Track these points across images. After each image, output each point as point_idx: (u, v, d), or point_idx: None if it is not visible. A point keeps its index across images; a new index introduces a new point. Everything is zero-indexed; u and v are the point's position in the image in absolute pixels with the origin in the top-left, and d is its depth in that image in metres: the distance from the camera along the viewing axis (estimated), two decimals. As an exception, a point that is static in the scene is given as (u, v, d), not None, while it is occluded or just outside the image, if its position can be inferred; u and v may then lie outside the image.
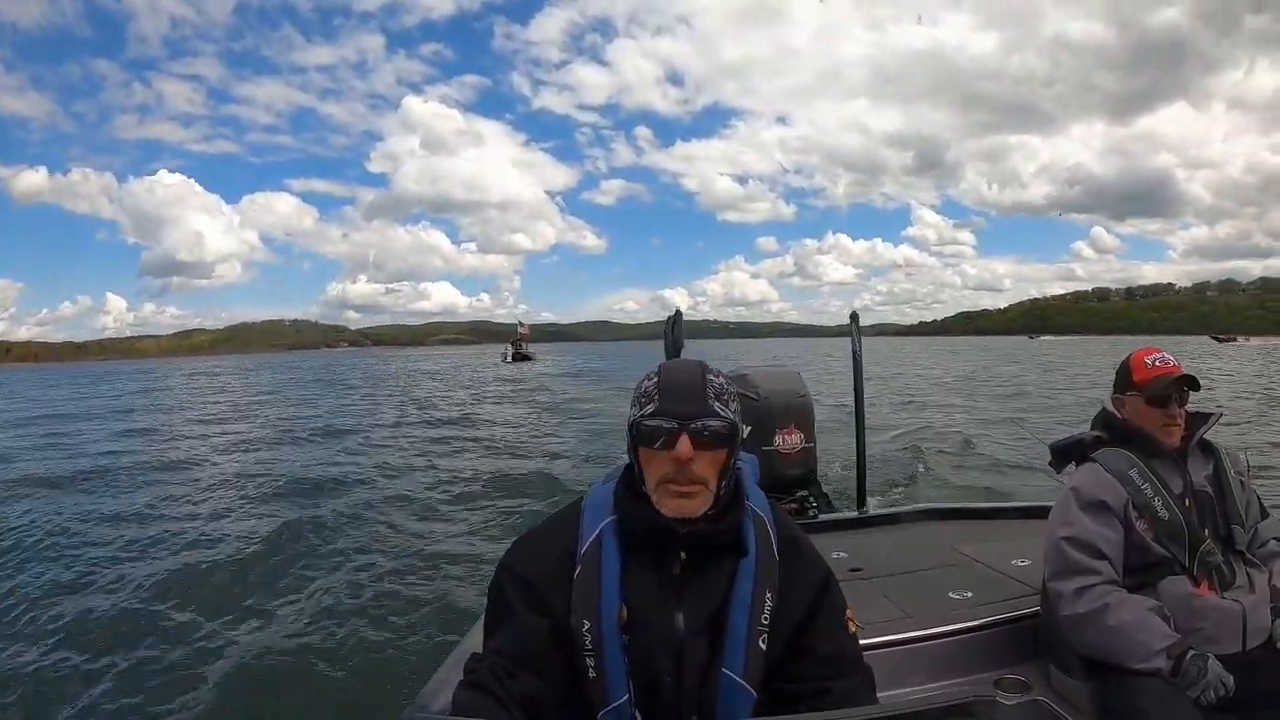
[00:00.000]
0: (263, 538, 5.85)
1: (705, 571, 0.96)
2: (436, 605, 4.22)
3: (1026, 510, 2.78)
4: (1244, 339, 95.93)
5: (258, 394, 27.06)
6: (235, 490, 8.19)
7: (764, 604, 0.95)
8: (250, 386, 31.20)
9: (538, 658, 0.93)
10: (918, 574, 2.28)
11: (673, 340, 3.36)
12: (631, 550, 0.97)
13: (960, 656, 1.78)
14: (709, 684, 0.93)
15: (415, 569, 4.97)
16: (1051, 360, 37.99)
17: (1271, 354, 45.17)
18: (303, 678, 3.43)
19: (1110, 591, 1.50)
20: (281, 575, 4.92)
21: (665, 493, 0.94)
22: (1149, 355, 1.66)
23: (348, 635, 3.84)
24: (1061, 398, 16.69)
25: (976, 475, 7.62)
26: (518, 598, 0.97)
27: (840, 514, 3.57)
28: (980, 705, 0.73)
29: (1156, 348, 1.69)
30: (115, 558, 5.49)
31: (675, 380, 0.97)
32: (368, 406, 20.02)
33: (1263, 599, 1.51)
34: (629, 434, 0.98)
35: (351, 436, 12.91)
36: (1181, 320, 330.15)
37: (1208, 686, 1.34)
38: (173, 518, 6.89)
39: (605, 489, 1.03)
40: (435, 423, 14.94)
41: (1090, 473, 1.62)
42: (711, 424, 0.94)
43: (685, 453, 0.92)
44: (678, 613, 0.94)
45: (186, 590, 4.62)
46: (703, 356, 1.10)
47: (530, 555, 1.01)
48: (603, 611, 0.93)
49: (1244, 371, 26.41)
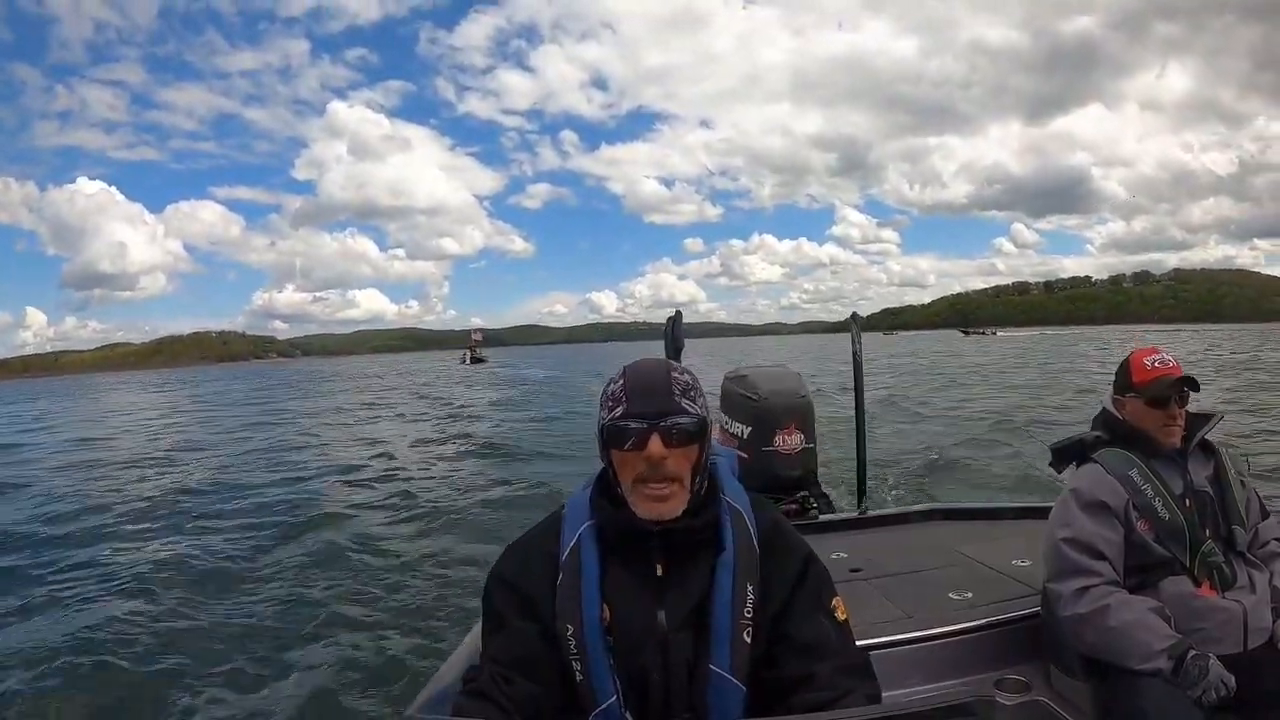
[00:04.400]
0: (255, 541, 5.86)
1: (685, 568, 0.97)
2: (431, 611, 4.21)
3: (1026, 510, 2.78)
4: (991, 331, 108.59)
5: (220, 406, 26.84)
6: (237, 494, 8.19)
7: (745, 597, 0.95)
8: (207, 400, 31.31)
9: (532, 664, 0.94)
10: (918, 574, 2.27)
11: (672, 340, 3.35)
12: (611, 552, 0.98)
13: (960, 656, 1.78)
14: (697, 680, 0.94)
15: (411, 574, 4.95)
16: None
17: (1020, 342, 56.30)
18: (299, 683, 3.42)
19: (1111, 592, 1.50)
20: (275, 580, 4.91)
21: (640, 495, 0.95)
22: (1148, 356, 1.65)
23: (342, 641, 3.83)
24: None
25: (977, 475, 7.61)
26: (508, 606, 0.99)
27: (840, 514, 3.57)
28: (980, 705, 0.73)
29: (1156, 348, 1.69)
30: (113, 558, 5.50)
31: (641, 380, 0.98)
32: (343, 412, 20.25)
33: (1264, 599, 1.51)
34: (599, 437, 0.99)
35: (325, 444, 12.92)
36: (1097, 311, 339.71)
37: (1209, 687, 1.33)
38: (165, 521, 6.90)
39: (582, 495, 1.04)
40: (417, 418, 15.02)
41: (1090, 473, 1.62)
42: (680, 421, 0.95)
43: (657, 451, 0.93)
44: (659, 611, 0.95)
45: (178, 595, 4.61)
46: (624, 359, 1.12)
47: (517, 564, 1.03)
48: (584, 614, 0.94)
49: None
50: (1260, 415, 9.98)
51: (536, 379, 33.97)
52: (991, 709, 1.05)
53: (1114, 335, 64.38)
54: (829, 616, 0.98)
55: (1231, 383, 14.81)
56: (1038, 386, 16.79)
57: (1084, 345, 41.91)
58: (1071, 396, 13.33)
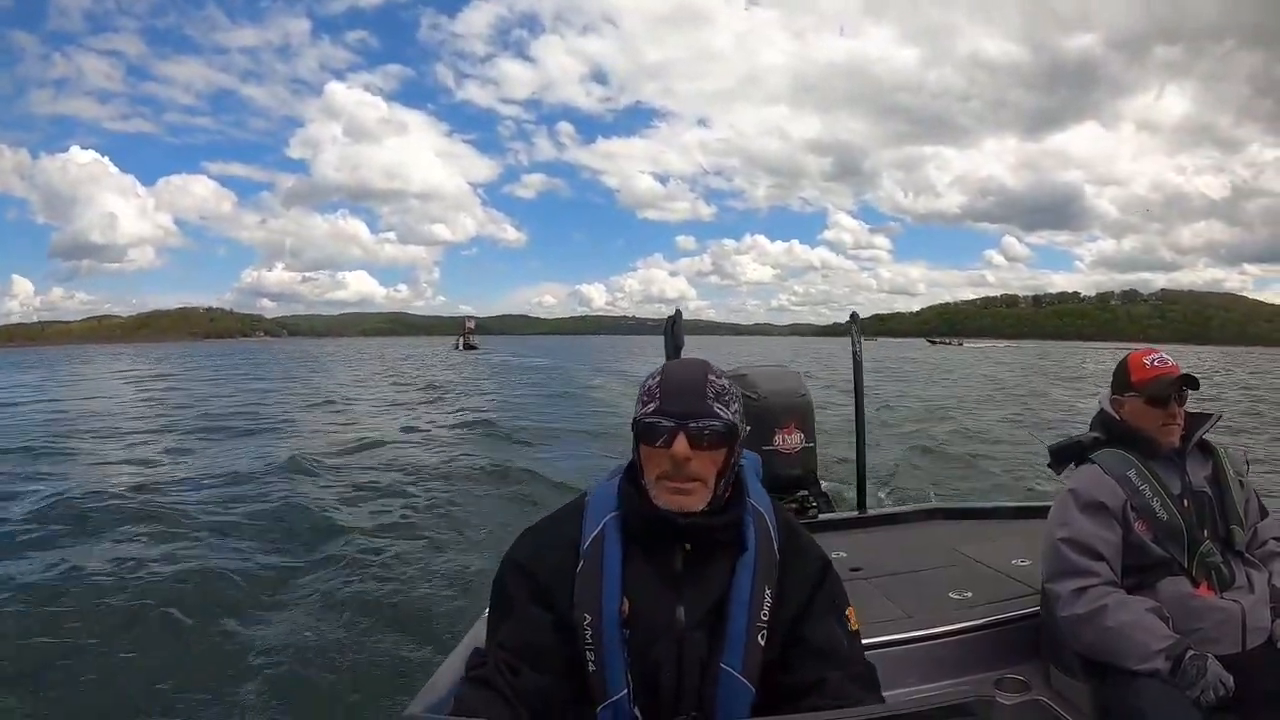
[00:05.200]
0: (258, 528, 5.84)
1: (706, 566, 0.97)
2: (439, 600, 4.21)
3: (1026, 510, 2.78)
4: (957, 342, 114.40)
5: (234, 377, 27.53)
6: (233, 479, 8.15)
7: (763, 600, 0.95)
8: (218, 373, 31.81)
9: (542, 652, 0.94)
10: (918, 574, 2.28)
11: (672, 339, 3.35)
12: (634, 544, 0.98)
13: (960, 656, 1.79)
14: (708, 679, 0.94)
15: (418, 563, 4.95)
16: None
17: (987, 353, 61.04)
18: (302, 676, 3.42)
19: (1109, 593, 1.50)
20: (278, 570, 4.89)
21: (662, 488, 0.96)
22: (1147, 356, 1.65)
23: (347, 632, 3.83)
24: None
25: (977, 475, 7.63)
26: (522, 592, 0.98)
27: (840, 514, 3.58)
28: (980, 705, 0.73)
29: (1155, 348, 1.69)
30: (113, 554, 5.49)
31: (676, 380, 0.99)
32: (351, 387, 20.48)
33: (1262, 599, 1.51)
34: (633, 430, 1.00)
35: (329, 423, 12.98)
36: (1084, 326, 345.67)
37: (1207, 687, 1.34)
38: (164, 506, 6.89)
39: (609, 485, 1.04)
40: (410, 403, 15.08)
41: (1089, 474, 1.62)
42: (710, 424, 0.95)
43: (682, 451, 0.94)
44: (678, 607, 0.95)
45: (176, 589, 4.60)
46: (625, 353, 1.12)
47: (535, 549, 1.02)
48: (604, 605, 0.94)
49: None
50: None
51: (542, 366, 35.30)
52: (991, 709, 1.05)
53: (1090, 351, 67.02)
54: (842, 624, 0.99)
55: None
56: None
57: (1044, 361, 44.40)
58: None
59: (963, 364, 39.15)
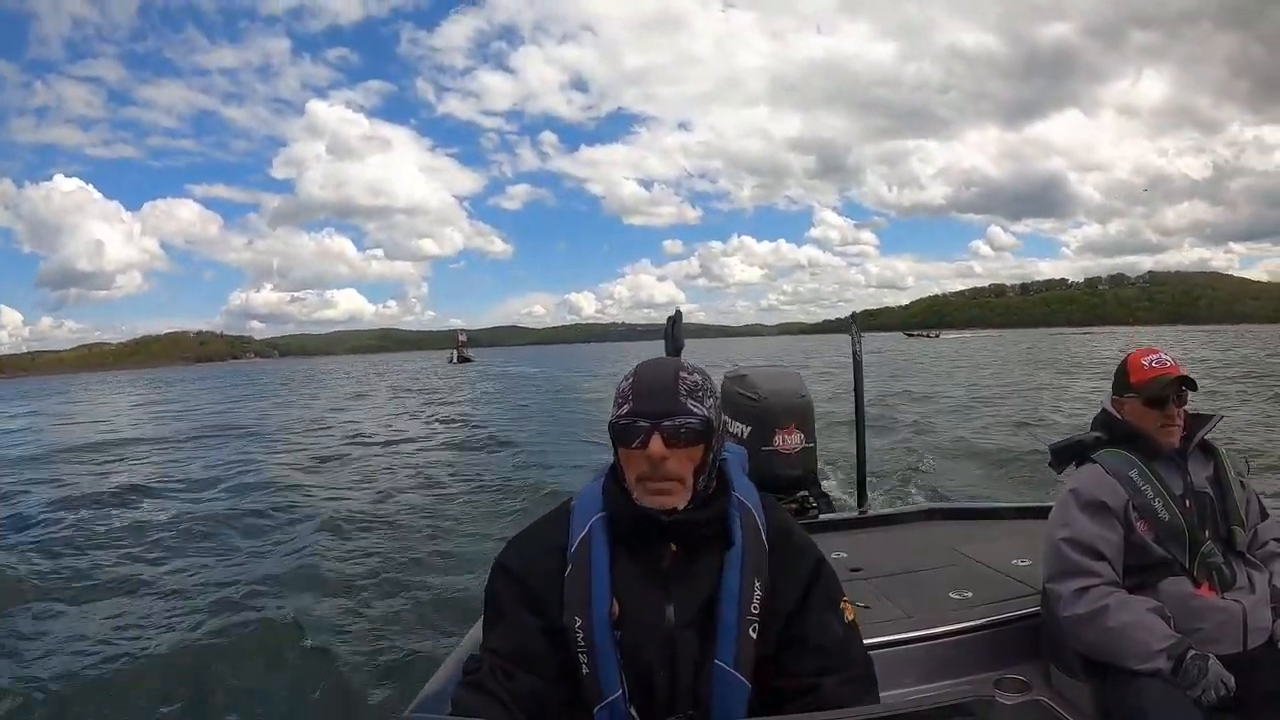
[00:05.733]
0: (260, 534, 5.86)
1: (693, 564, 0.97)
2: (435, 605, 4.21)
3: (1026, 510, 2.78)
4: (935, 334, 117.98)
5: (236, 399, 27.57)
6: (236, 488, 8.18)
7: (752, 594, 0.95)
8: (220, 396, 31.99)
9: (535, 657, 0.94)
10: (918, 574, 2.28)
11: (672, 339, 3.35)
12: (621, 545, 0.98)
13: (960, 656, 1.78)
14: (702, 676, 0.94)
15: (415, 569, 4.96)
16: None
17: (965, 344, 61.36)
18: (301, 679, 3.43)
19: (1110, 593, 1.50)
20: (276, 577, 4.90)
21: (642, 489, 0.97)
22: (1146, 356, 1.65)
23: (345, 636, 3.84)
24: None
25: (977, 475, 7.62)
26: (512, 598, 0.98)
27: (840, 514, 3.57)
28: (980, 705, 0.73)
29: (1154, 349, 1.68)
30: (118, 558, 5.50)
31: (647, 380, 0.99)
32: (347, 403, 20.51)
33: (1263, 599, 1.51)
34: (609, 433, 1.00)
35: (330, 432, 13.11)
36: (1073, 313, 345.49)
37: (1208, 687, 1.34)
38: (173, 512, 6.89)
39: (594, 487, 1.04)
40: (423, 416, 15.14)
41: (1090, 474, 1.62)
42: (685, 421, 0.95)
43: (658, 451, 0.94)
44: (668, 606, 0.95)
45: (178, 593, 4.61)
46: (610, 359, 1.12)
47: (523, 554, 1.02)
48: (594, 607, 0.94)
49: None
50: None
51: (530, 374, 36.12)
52: (991, 709, 1.05)
53: (1072, 337, 66.68)
54: (839, 617, 1.00)
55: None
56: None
57: (1015, 348, 44.80)
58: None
59: (926, 356, 38.93)
